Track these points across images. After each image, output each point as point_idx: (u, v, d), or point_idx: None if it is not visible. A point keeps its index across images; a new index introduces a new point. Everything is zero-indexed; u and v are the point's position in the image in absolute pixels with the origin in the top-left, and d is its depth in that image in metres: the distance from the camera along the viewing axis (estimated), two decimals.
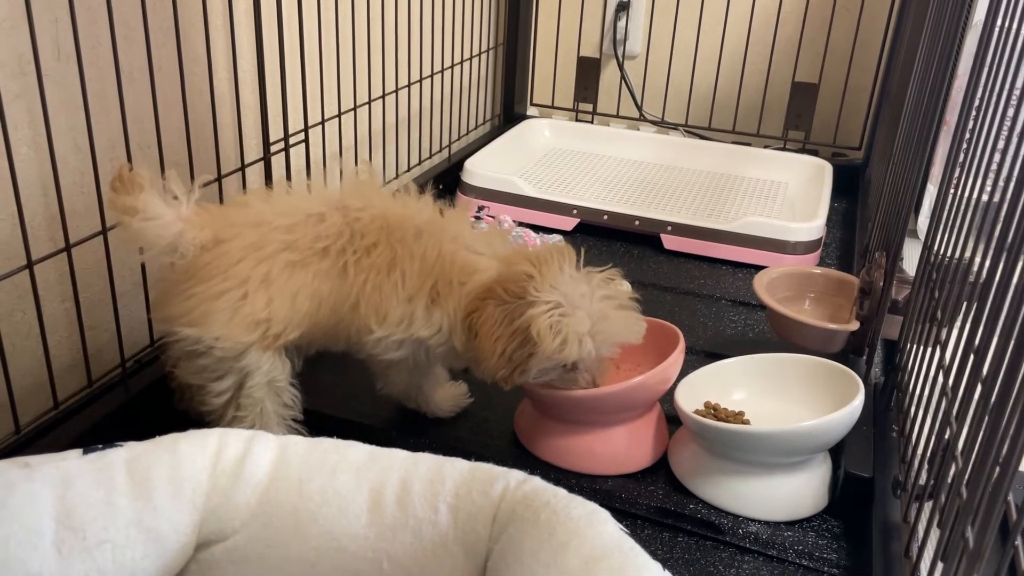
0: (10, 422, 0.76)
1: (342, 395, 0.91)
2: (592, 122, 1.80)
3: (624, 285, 0.81)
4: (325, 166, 1.20)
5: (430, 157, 1.53)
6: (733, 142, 1.66)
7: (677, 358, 0.80)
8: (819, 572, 0.72)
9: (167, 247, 0.70)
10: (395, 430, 0.86)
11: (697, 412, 0.82)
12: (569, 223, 1.35)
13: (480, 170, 1.40)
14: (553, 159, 1.63)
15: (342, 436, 0.60)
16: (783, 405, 0.85)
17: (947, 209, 0.76)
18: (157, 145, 0.87)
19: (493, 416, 0.89)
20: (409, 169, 1.46)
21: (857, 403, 0.74)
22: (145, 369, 0.87)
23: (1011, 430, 0.47)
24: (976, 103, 0.72)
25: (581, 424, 0.81)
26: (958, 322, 0.65)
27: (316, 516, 0.55)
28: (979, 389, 0.56)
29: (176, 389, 0.82)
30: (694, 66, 1.70)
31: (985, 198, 0.68)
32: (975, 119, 0.72)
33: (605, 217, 1.34)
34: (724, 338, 1.07)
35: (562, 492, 0.54)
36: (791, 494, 0.77)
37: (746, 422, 0.82)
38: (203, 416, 0.77)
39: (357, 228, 0.74)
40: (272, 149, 1.04)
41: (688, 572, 0.72)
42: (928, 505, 0.64)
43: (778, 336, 0.99)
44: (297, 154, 1.10)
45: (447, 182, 1.45)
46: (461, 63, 1.58)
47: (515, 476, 0.56)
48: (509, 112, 1.80)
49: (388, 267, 0.74)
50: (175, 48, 0.86)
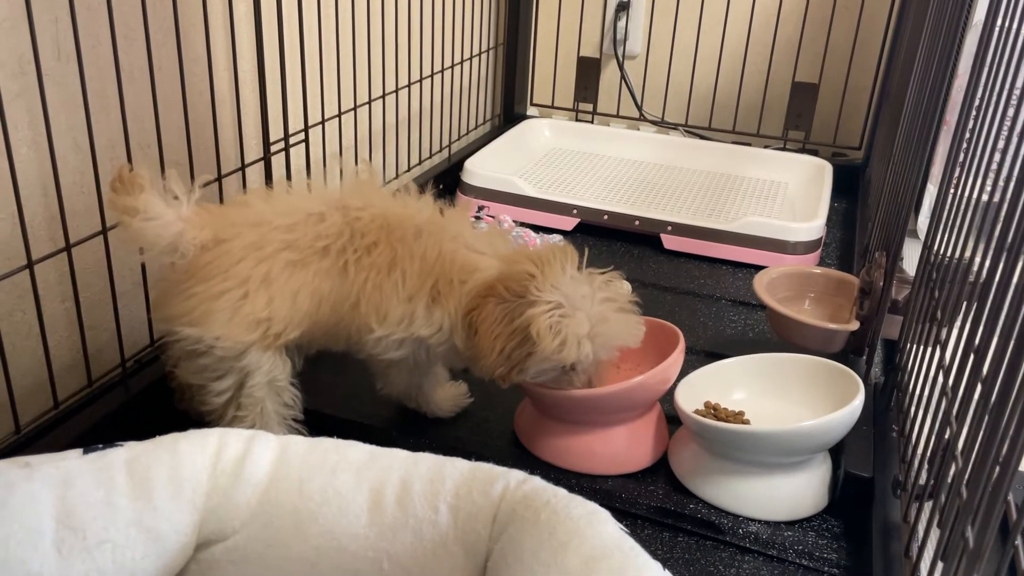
0: (10, 422, 0.76)
1: (342, 395, 0.91)
2: (592, 122, 1.80)
3: (625, 286, 0.81)
4: (325, 166, 1.20)
5: (430, 157, 1.53)
6: (733, 142, 1.66)
7: (677, 358, 0.80)
8: (819, 572, 0.72)
9: (167, 247, 0.70)
10: (395, 430, 0.86)
11: (697, 412, 0.82)
12: (569, 223, 1.35)
13: (480, 170, 1.40)
14: (553, 159, 1.63)
15: (342, 436, 0.60)
16: (783, 405, 0.85)
17: (947, 209, 0.76)
18: (157, 145, 0.87)
19: (493, 416, 0.89)
20: (409, 169, 1.46)
21: (857, 403, 0.75)
22: (145, 369, 0.87)
23: (1011, 430, 0.47)
24: (976, 103, 0.72)
25: (581, 424, 0.81)
26: (958, 322, 0.65)
27: (316, 516, 0.55)
28: (979, 389, 0.56)
29: (176, 389, 0.82)
30: (694, 66, 1.70)
31: (985, 198, 0.68)
32: (975, 119, 0.72)
33: (605, 217, 1.34)
34: (724, 338, 1.07)
35: (562, 492, 0.54)
36: (791, 494, 0.77)
37: (746, 422, 0.82)
38: (203, 416, 0.77)
39: (357, 227, 0.74)
40: (272, 149, 1.04)
41: (688, 572, 0.72)
42: (928, 505, 0.64)
43: (778, 336, 0.99)
44: (297, 154, 1.10)
45: (447, 182, 1.45)
46: (461, 63, 1.58)
47: (515, 476, 0.56)
48: (509, 112, 1.80)
49: (388, 266, 0.74)
50: (175, 48, 0.86)
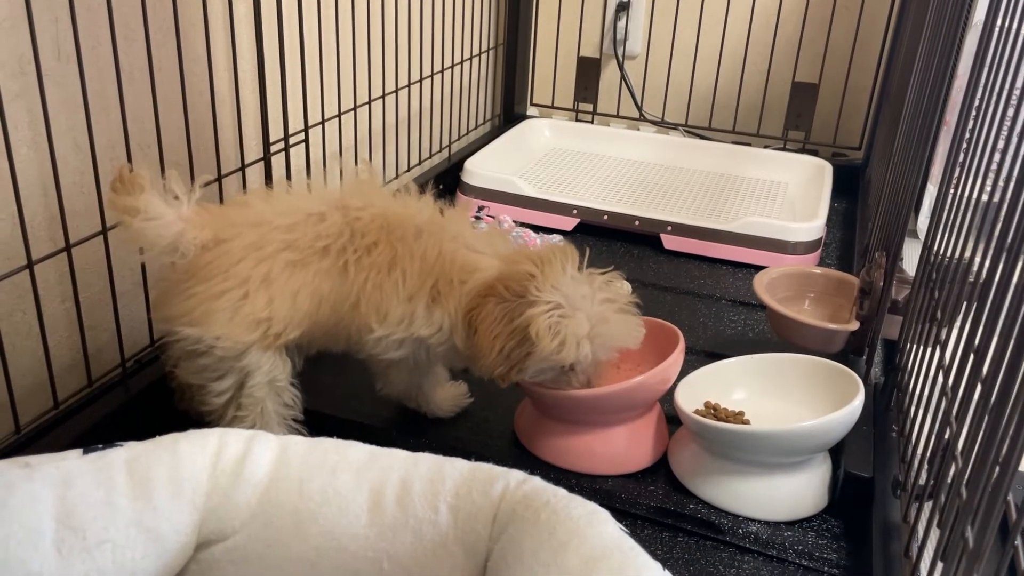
0: (10, 422, 0.76)
1: (342, 395, 0.91)
2: (592, 122, 1.80)
3: (625, 287, 0.81)
4: (325, 166, 1.20)
5: (430, 157, 1.53)
6: (733, 142, 1.66)
7: (677, 358, 0.80)
8: (819, 572, 0.72)
9: (168, 247, 0.70)
10: (395, 430, 0.86)
11: (697, 412, 0.82)
12: (569, 223, 1.35)
13: (480, 170, 1.40)
14: (553, 159, 1.62)
15: (342, 436, 0.60)
16: (783, 405, 0.85)
17: (947, 209, 0.76)
18: (157, 145, 0.87)
19: (493, 416, 0.89)
20: (409, 169, 1.46)
21: (857, 403, 0.75)
22: (145, 369, 0.87)
23: (1011, 430, 0.47)
24: (976, 103, 0.72)
25: (581, 424, 0.81)
26: (958, 322, 0.65)
27: (316, 516, 0.55)
28: (979, 389, 0.56)
29: (176, 389, 0.82)
30: (694, 66, 1.70)
31: (985, 198, 0.68)
32: (975, 119, 0.72)
33: (605, 217, 1.34)
34: (724, 338, 1.07)
35: (562, 492, 0.54)
36: (791, 494, 0.77)
37: (746, 422, 0.82)
38: (203, 416, 0.77)
39: (357, 227, 0.74)
40: (272, 149, 1.04)
41: (688, 572, 0.72)
42: (928, 505, 0.64)
43: (778, 336, 0.99)
44: (297, 154, 1.10)
45: (447, 182, 1.45)
46: (461, 63, 1.58)
47: (515, 476, 0.56)
48: (509, 112, 1.80)
49: (389, 266, 0.74)
50: (175, 48, 0.86)
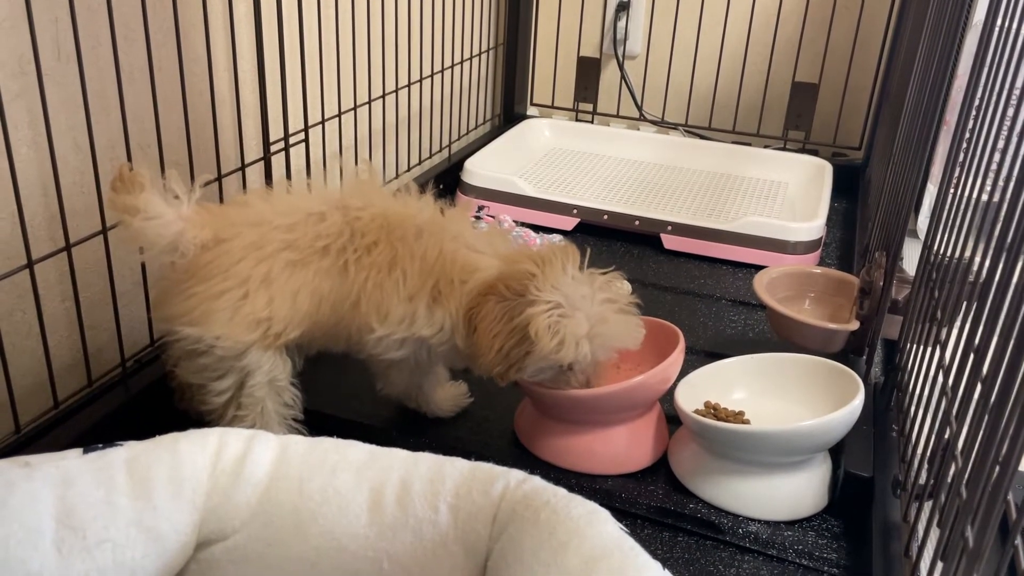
0: (10, 422, 0.76)
1: (342, 395, 0.91)
2: (592, 122, 1.80)
3: (625, 287, 0.81)
4: (325, 166, 1.20)
5: (430, 157, 1.53)
6: (733, 142, 1.66)
7: (677, 358, 0.80)
8: (819, 572, 0.72)
9: (168, 246, 0.70)
10: (395, 430, 0.86)
11: (697, 412, 0.82)
12: (569, 223, 1.35)
13: (480, 170, 1.40)
14: (553, 159, 1.63)
15: (342, 436, 0.60)
16: (783, 405, 0.85)
17: (947, 209, 0.76)
18: (157, 145, 0.87)
19: (493, 416, 0.89)
20: (409, 169, 1.46)
21: (857, 403, 0.75)
22: (145, 369, 0.87)
23: (1011, 430, 0.47)
24: (976, 103, 0.72)
25: (581, 424, 0.81)
26: (958, 322, 0.65)
27: (316, 515, 0.55)
28: (979, 389, 0.56)
29: (176, 389, 0.82)
30: (694, 66, 1.70)
31: (985, 198, 0.68)
32: (975, 119, 0.72)
33: (605, 217, 1.34)
34: (724, 338, 1.07)
35: (562, 491, 0.54)
36: (791, 494, 0.77)
37: (746, 422, 0.82)
38: (203, 415, 0.77)
39: (357, 227, 0.74)
40: (272, 149, 1.04)
41: (688, 572, 0.72)
42: (928, 505, 0.64)
43: (778, 336, 0.99)
44: (297, 154, 1.10)
45: (447, 182, 1.45)
46: (461, 63, 1.58)
47: (515, 476, 0.56)
48: (509, 112, 1.80)
49: (389, 266, 0.74)
50: (175, 48, 0.86)
